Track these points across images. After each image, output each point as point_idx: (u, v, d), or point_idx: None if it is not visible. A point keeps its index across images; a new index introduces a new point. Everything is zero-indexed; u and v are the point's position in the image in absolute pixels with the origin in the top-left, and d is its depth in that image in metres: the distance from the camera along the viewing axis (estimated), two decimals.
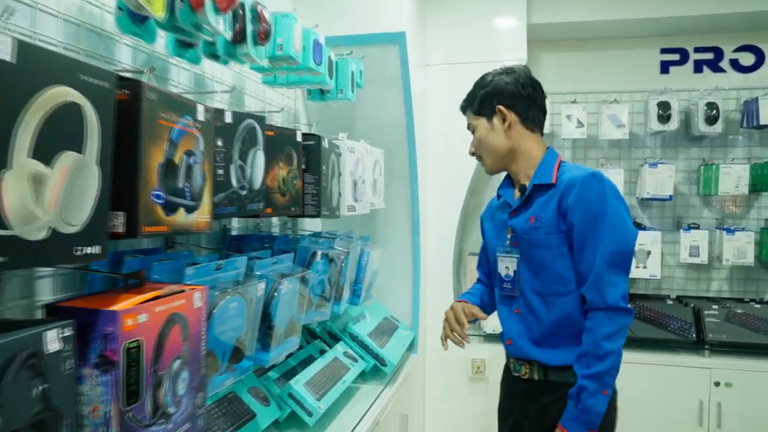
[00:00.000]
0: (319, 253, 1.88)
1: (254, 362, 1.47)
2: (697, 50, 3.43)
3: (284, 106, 2.50)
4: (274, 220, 2.39)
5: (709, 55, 3.43)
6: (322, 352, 2.27)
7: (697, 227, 3.25)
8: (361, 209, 2.24)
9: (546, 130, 3.30)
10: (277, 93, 2.41)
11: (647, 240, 3.14)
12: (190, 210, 1.06)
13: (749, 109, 3.22)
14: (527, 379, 1.64)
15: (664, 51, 3.45)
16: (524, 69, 1.72)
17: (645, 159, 3.36)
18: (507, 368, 1.79)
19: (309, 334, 2.43)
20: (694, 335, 2.98)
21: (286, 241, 1.94)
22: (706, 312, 3.03)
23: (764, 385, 2.87)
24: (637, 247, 3.14)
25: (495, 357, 3.12)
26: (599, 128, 3.32)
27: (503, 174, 1.78)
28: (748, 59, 3.41)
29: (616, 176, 3.15)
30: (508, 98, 1.65)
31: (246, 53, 1.48)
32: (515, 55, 3.11)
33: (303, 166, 1.77)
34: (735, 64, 3.42)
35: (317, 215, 1.78)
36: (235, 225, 2.09)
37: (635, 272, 3.14)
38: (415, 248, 2.90)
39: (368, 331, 2.50)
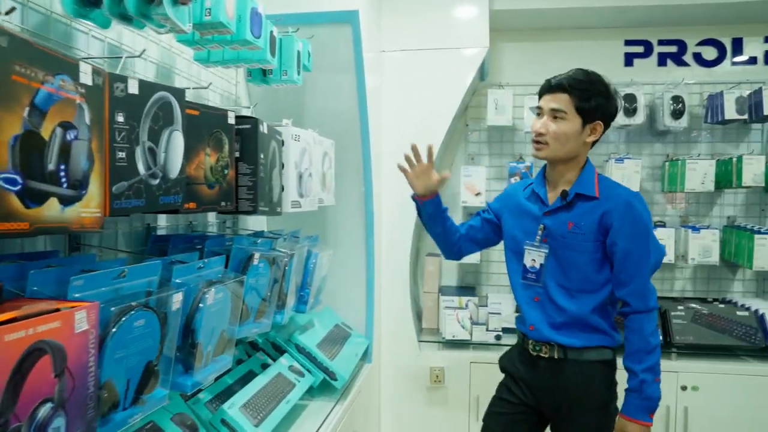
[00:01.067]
0: (258, 255, 1.62)
1: (172, 389, 1.21)
2: (661, 43, 3.32)
3: (223, 90, 2.23)
4: (211, 217, 2.12)
5: (673, 48, 3.32)
6: (265, 366, 2.01)
7: (663, 225, 3.13)
8: (308, 206, 2.00)
9: (508, 123, 3.15)
10: (215, 75, 2.14)
11: None
12: (67, 201, 0.80)
13: (713, 103, 3.12)
14: (548, 358, 1.78)
15: (628, 43, 3.32)
16: (615, 90, 1.82)
17: (609, 154, 3.22)
18: (522, 348, 1.88)
19: (250, 345, 2.17)
20: (660, 337, 2.85)
21: (220, 242, 1.68)
22: (672, 313, 2.90)
23: (731, 389, 2.77)
24: None
25: (454, 365, 2.92)
26: None
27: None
28: (710, 53, 3.32)
29: None
30: (608, 121, 1.76)
31: (163, 13, 1.21)
32: (477, 43, 2.92)
33: (237, 154, 1.51)
34: (698, 58, 3.32)
35: (253, 211, 1.52)
36: (163, 224, 1.81)
37: None
38: (369, 249, 2.67)
39: (317, 341, 2.25)
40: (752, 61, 3.31)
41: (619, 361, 1.79)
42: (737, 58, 3.30)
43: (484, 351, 2.92)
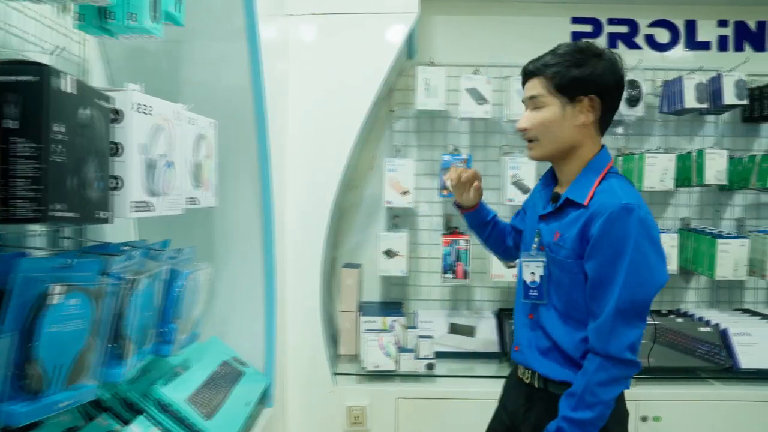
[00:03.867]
0: (61, 289, 1.02)
1: None
2: (611, 22, 2.93)
3: (59, 47, 1.59)
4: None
5: (624, 29, 2.94)
6: None
7: None
8: (167, 208, 1.40)
9: (441, 107, 2.65)
10: (42, 25, 1.51)
11: None
12: None
13: (670, 91, 2.76)
14: (529, 384, 1.55)
15: (575, 21, 2.91)
16: (617, 56, 1.47)
17: None
18: (515, 368, 1.66)
19: (92, 404, 1.55)
20: (611, 404, 2.41)
21: (20, 268, 1.05)
22: None
23: (697, 417, 2.39)
24: None
25: (378, 402, 2.38)
26: (505, 108, 2.70)
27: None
28: (663, 36, 2.97)
29: (528, 167, 2.56)
30: (602, 91, 1.43)
31: None
32: (404, 8, 2.40)
33: (10, 124, 0.91)
34: (651, 41, 2.96)
35: (41, 219, 0.92)
36: None
37: None
38: (268, 260, 2.10)
39: (190, 391, 1.66)
40: (705, 46, 2.99)
41: None
42: (691, 43, 2.97)
43: (413, 384, 2.40)
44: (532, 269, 1.50)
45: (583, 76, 1.40)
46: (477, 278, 2.81)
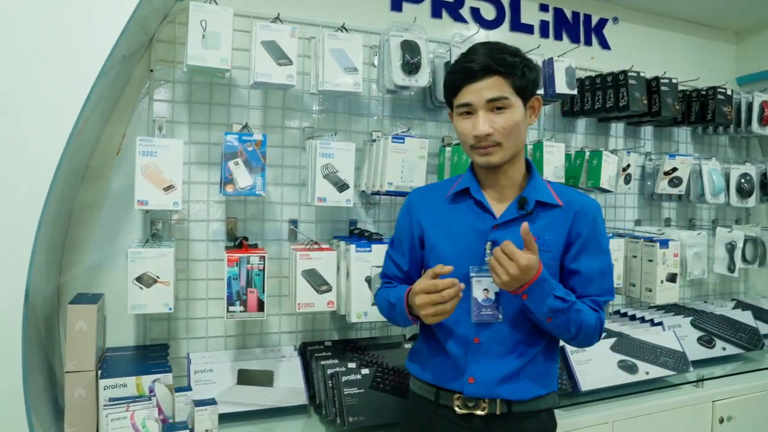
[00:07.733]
0: None
1: None
2: None
3: None
4: None
5: None
6: None
7: None
8: None
9: (223, 64, 1.62)
10: None
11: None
12: None
13: None
14: (484, 415, 1.42)
15: None
16: None
17: (371, 132, 2.20)
18: (437, 405, 1.48)
19: None
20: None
21: None
22: (343, 379, 1.84)
23: None
24: (376, 272, 1.96)
25: None
26: (313, 77, 2.02)
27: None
28: (489, 12, 2.58)
29: (344, 154, 1.91)
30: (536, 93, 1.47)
31: None
32: None
33: None
34: (477, 15, 2.54)
35: None
36: None
37: (374, 314, 1.95)
38: None
39: None
40: (529, 29, 2.68)
41: None
42: (516, 24, 2.64)
43: None
44: (486, 285, 1.39)
45: (535, 77, 1.41)
46: (273, 303, 2.10)
